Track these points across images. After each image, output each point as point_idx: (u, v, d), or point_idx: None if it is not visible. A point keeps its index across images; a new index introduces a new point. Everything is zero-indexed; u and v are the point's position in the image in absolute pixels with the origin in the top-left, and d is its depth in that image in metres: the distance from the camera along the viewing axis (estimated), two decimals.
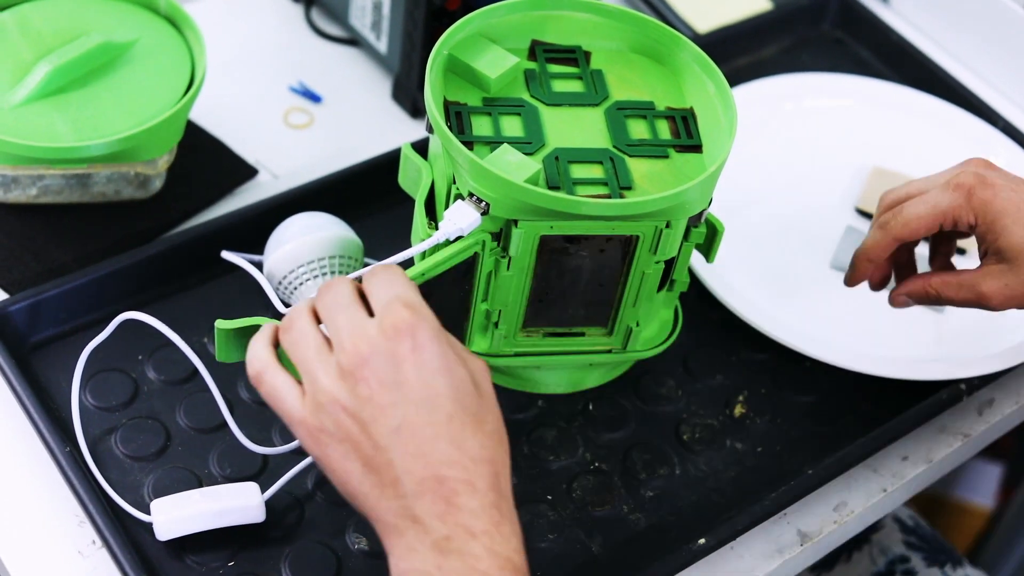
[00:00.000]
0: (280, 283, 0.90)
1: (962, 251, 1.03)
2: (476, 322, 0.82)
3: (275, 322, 0.70)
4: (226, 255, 0.93)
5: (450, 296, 0.79)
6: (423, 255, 0.80)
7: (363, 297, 0.67)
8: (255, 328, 0.73)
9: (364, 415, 0.64)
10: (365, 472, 0.65)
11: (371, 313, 0.66)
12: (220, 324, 0.73)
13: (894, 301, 0.91)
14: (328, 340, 0.66)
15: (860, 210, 1.05)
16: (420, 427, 0.64)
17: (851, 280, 0.92)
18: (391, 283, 0.67)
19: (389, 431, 0.64)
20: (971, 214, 0.85)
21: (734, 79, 1.12)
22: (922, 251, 0.96)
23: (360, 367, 0.64)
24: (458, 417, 0.64)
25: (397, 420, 0.64)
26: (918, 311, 0.99)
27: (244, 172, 1.03)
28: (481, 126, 0.80)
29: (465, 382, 0.65)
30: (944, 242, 0.92)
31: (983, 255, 0.87)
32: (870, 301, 0.99)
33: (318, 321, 0.68)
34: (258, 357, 0.68)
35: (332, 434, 0.65)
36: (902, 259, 0.93)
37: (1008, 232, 0.84)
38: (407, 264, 0.83)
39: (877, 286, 0.94)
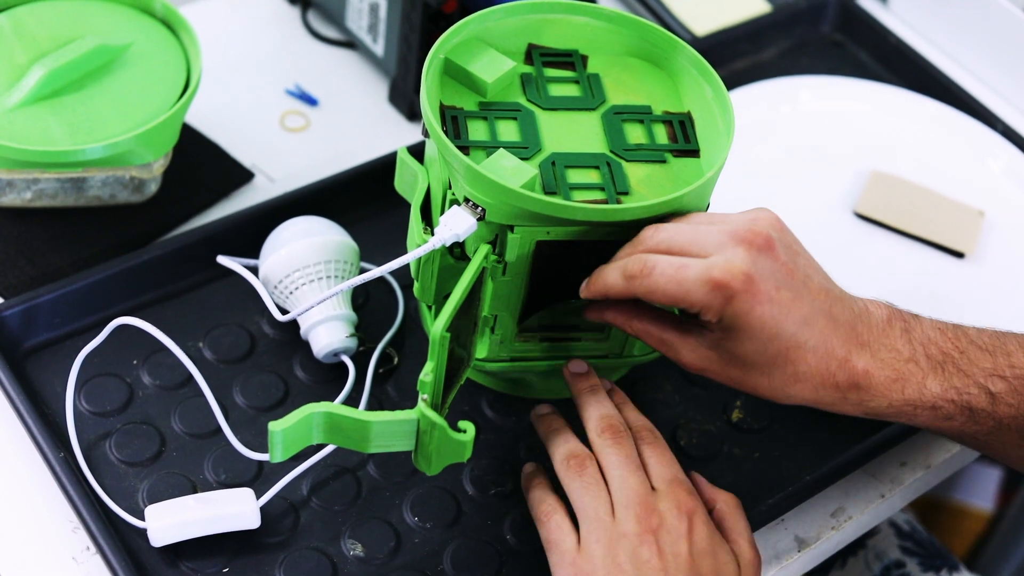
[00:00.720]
0: (276, 288, 0.90)
1: (961, 255, 1.02)
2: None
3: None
4: (221, 260, 0.93)
5: (464, 313, 0.78)
6: (419, 261, 0.79)
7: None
8: (308, 423, 0.74)
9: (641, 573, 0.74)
10: None
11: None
12: (273, 426, 0.73)
13: (588, 314, 0.80)
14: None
15: (859, 214, 1.04)
16: None
17: (585, 292, 0.78)
18: (671, 464, 0.79)
19: None
20: (717, 317, 0.73)
21: (732, 82, 1.12)
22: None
23: (647, 532, 0.74)
24: None
25: None
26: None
27: (240, 176, 1.02)
28: (477, 130, 0.80)
29: (728, 565, 0.75)
30: None
31: (705, 324, 0.75)
32: None
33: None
34: (547, 502, 0.79)
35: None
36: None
37: (742, 343, 0.74)
38: (404, 269, 0.82)
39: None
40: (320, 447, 0.85)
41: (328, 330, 0.88)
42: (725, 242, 0.73)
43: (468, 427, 0.76)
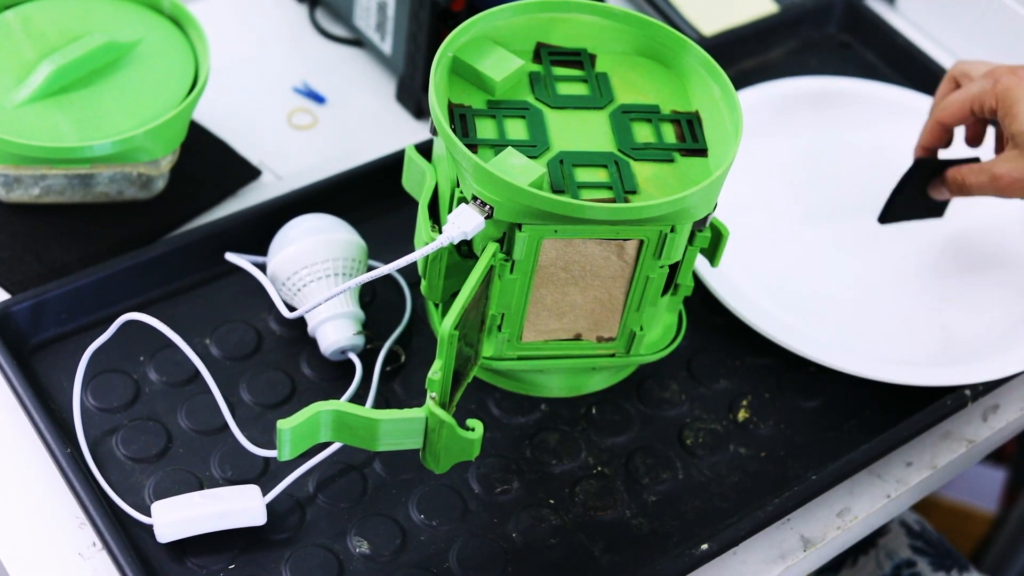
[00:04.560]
0: (283, 285, 0.90)
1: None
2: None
3: None
4: (229, 257, 0.93)
5: (472, 311, 0.79)
6: (426, 259, 0.79)
7: None
8: (316, 421, 0.74)
9: None
10: None
11: None
12: (282, 424, 0.73)
13: (931, 189, 0.98)
14: None
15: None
16: None
17: (917, 149, 0.99)
18: None
19: None
20: (993, 98, 0.91)
21: (740, 82, 1.12)
22: None
23: None
24: None
25: None
26: (922, 315, 0.99)
27: (247, 173, 1.03)
28: (485, 129, 0.80)
29: None
30: (976, 128, 0.98)
31: (1004, 144, 0.93)
32: (875, 306, 0.99)
33: None
34: None
35: None
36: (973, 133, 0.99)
37: (1021, 118, 0.90)
38: (412, 267, 0.82)
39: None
40: (326, 444, 0.85)
41: (335, 327, 0.88)
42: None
43: (476, 425, 0.76)
